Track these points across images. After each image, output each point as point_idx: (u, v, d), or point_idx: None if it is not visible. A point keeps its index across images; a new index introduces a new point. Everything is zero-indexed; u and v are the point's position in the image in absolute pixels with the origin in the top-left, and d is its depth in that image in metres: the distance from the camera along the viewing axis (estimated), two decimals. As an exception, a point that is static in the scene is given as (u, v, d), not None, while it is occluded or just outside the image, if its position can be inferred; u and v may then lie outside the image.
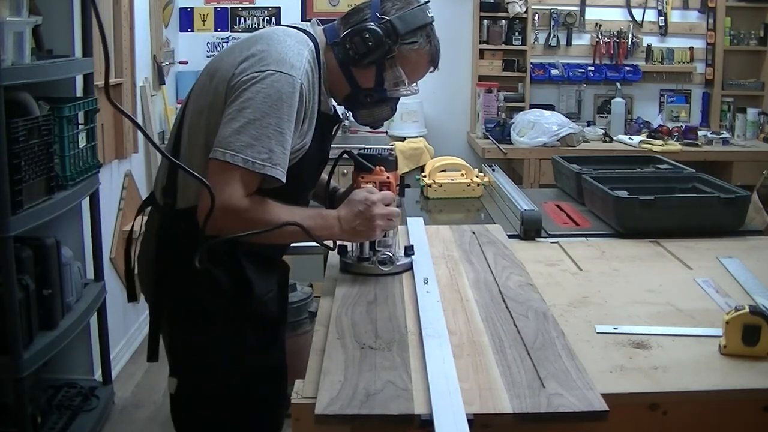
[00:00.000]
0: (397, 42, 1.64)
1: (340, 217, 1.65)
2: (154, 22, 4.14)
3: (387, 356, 1.32)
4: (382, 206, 1.66)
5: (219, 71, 1.59)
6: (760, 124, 4.89)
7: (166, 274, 1.65)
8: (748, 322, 1.35)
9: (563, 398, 1.16)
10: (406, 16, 1.64)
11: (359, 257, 1.76)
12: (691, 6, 5.01)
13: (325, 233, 1.64)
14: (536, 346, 1.35)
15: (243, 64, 1.55)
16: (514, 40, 4.91)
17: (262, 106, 1.50)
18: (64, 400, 2.87)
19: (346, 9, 1.74)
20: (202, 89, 1.63)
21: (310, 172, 1.73)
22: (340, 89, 1.70)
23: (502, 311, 1.53)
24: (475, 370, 1.27)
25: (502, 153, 4.47)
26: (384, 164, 1.77)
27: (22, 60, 2.30)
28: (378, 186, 1.73)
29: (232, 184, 1.50)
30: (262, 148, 1.49)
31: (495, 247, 1.98)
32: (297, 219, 1.57)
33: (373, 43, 1.61)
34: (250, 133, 1.49)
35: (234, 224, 1.51)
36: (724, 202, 2.18)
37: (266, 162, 1.50)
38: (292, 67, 1.54)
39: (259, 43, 1.59)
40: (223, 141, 1.50)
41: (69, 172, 2.60)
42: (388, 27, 1.62)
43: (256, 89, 1.51)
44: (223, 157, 1.49)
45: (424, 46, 1.68)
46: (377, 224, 1.66)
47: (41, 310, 2.48)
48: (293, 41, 1.60)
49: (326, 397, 1.17)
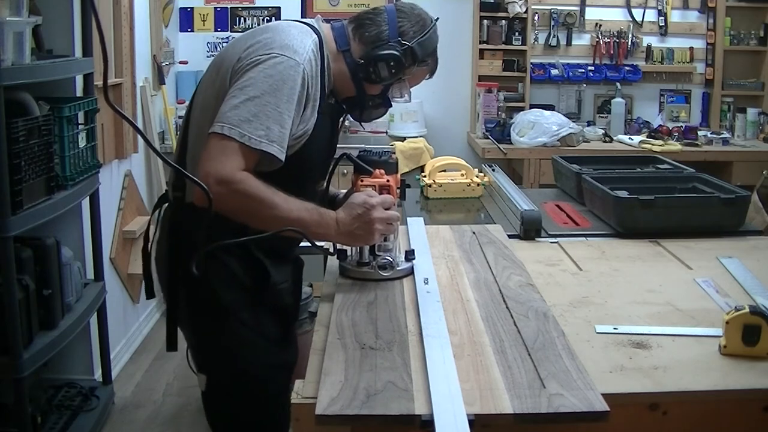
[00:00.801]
0: (414, 66, 1.71)
1: (338, 219, 1.63)
2: (154, 22, 4.14)
3: (387, 356, 1.32)
4: (382, 210, 1.64)
5: (225, 61, 1.62)
6: (760, 124, 4.88)
7: (180, 266, 1.66)
8: (748, 322, 1.35)
9: (564, 398, 1.16)
10: (426, 42, 1.70)
11: (359, 262, 1.74)
12: (691, 6, 5.01)
13: (321, 231, 1.62)
14: (537, 346, 1.35)
15: (248, 50, 1.59)
16: (514, 40, 4.90)
17: (262, 85, 1.52)
18: (64, 400, 2.87)
19: (346, 9, 1.78)
20: (209, 83, 1.66)
21: (316, 161, 1.73)
22: (344, 90, 1.73)
23: (503, 311, 1.53)
24: (476, 370, 1.27)
25: (502, 153, 4.47)
26: (384, 167, 1.74)
27: (22, 60, 2.30)
28: (378, 189, 1.70)
29: (228, 155, 1.50)
30: (260, 125, 1.51)
31: (495, 247, 1.98)
32: (293, 207, 1.56)
33: (396, 70, 1.68)
34: (249, 109, 1.51)
35: (227, 196, 1.49)
36: (724, 202, 2.18)
37: (263, 138, 1.51)
38: (295, 52, 1.56)
39: (264, 33, 1.63)
40: (221, 116, 1.52)
41: (69, 172, 2.60)
42: (409, 54, 1.68)
43: (258, 69, 1.54)
44: (221, 130, 1.50)
45: (431, 64, 1.77)
46: (376, 228, 1.63)
47: (41, 310, 2.48)
48: (297, 31, 1.64)
49: (327, 398, 1.17)
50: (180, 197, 1.67)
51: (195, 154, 1.61)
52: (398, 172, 1.78)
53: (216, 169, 1.48)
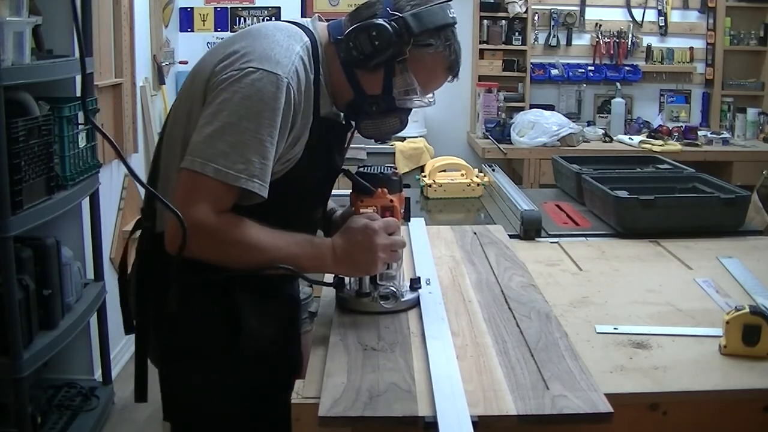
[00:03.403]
0: (410, 43, 1.41)
1: (334, 247, 1.41)
2: (154, 22, 4.14)
3: (390, 357, 1.31)
4: (385, 235, 1.42)
5: (199, 74, 1.41)
6: (760, 124, 4.89)
7: (148, 304, 1.47)
8: (748, 322, 1.35)
9: (567, 400, 1.15)
10: (422, 13, 1.41)
11: (358, 292, 1.51)
12: (691, 6, 5.02)
13: (316, 264, 1.42)
14: (539, 347, 1.35)
15: (223, 63, 1.36)
16: (514, 40, 4.91)
17: (239, 108, 1.30)
18: (64, 400, 2.87)
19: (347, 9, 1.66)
20: (183, 96, 1.45)
21: (308, 189, 1.51)
22: (342, 94, 1.49)
23: (505, 312, 1.52)
24: (479, 371, 1.26)
25: (502, 153, 4.47)
26: (387, 185, 1.50)
27: (22, 60, 2.30)
28: (380, 211, 1.48)
29: (201, 196, 1.30)
30: (238, 157, 1.30)
31: (497, 247, 1.98)
32: (281, 245, 1.37)
33: (381, 42, 1.39)
34: (225, 139, 1.30)
35: (205, 246, 1.32)
36: (724, 202, 2.18)
37: (242, 173, 1.30)
38: (277, 64, 1.33)
39: (243, 39, 1.40)
40: (194, 148, 1.31)
41: (69, 172, 2.60)
42: (399, 25, 1.40)
43: (233, 89, 1.31)
44: (192, 165, 1.30)
45: (441, 50, 1.45)
46: (379, 257, 1.41)
47: (41, 310, 2.48)
48: (283, 35, 1.40)
49: (329, 399, 1.16)
50: (150, 228, 1.46)
51: (165, 179, 1.43)
52: (402, 190, 1.56)
53: (189, 217, 1.27)
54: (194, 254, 1.31)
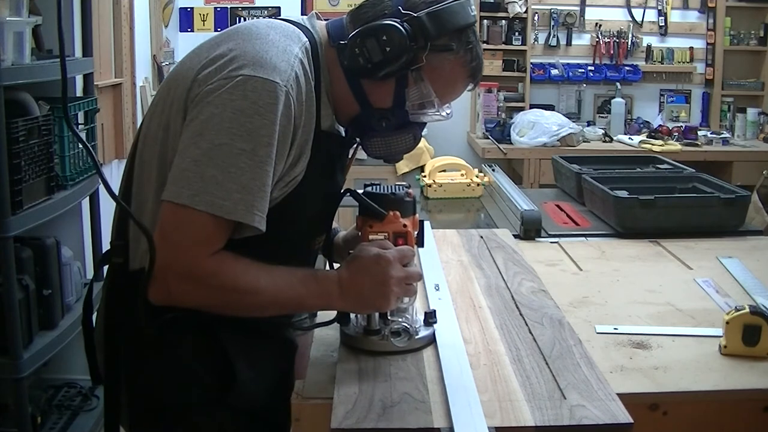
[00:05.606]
0: (426, 48, 1.19)
1: (341, 280, 1.21)
2: (154, 22, 4.14)
3: (401, 366, 1.26)
4: (400, 267, 1.22)
5: (178, 81, 1.18)
6: (760, 124, 4.89)
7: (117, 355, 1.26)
8: (748, 322, 1.35)
9: (586, 410, 1.12)
10: (440, 12, 1.19)
11: (366, 329, 1.32)
12: (691, 6, 5.02)
13: (321, 303, 1.24)
14: (554, 354, 1.31)
15: (207, 69, 1.14)
16: (514, 40, 4.91)
17: (231, 125, 1.09)
18: (64, 400, 2.86)
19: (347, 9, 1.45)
20: (158, 107, 1.21)
21: (309, 212, 1.27)
22: (346, 107, 1.27)
23: (517, 318, 1.48)
24: (494, 380, 1.22)
25: (502, 153, 4.47)
26: (399, 208, 1.29)
27: (22, 60, 2.30)
28: (392, 237, 1.27)
29: (192, 236, 1.09)
30: (233, 184, 1.08)
31: (504, 251, 1.95)
32: (281, 285, 1.17)
33: (393, 47, 1.17)
34: (216, 163, 1.08)
35: (195, 294, 1.12)
36: (724, 202, 2.18)
37: (239, 204, 1.09)
38: (274, 69, 1.12)
39: (231, 40, 1.18)
40: (179, 176, 1.09)
41: (69, 172, 2.60)
42: (414, 27, 1.18)
43: (221, 102, 1.10)
44: (178, 198, 1.08)
45: (462, 54, 1.23)
46: (393, 291, 1.21)
47: (41, 310, 2.48)
48: (278, 35, 1.19)
49: (342, 410, 1.12)
50: (122, 264, 1.23)
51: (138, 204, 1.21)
52: (416, 212, 1.35)
53: (178, 261, 1.09)
54: (182, 303, 1.14)
